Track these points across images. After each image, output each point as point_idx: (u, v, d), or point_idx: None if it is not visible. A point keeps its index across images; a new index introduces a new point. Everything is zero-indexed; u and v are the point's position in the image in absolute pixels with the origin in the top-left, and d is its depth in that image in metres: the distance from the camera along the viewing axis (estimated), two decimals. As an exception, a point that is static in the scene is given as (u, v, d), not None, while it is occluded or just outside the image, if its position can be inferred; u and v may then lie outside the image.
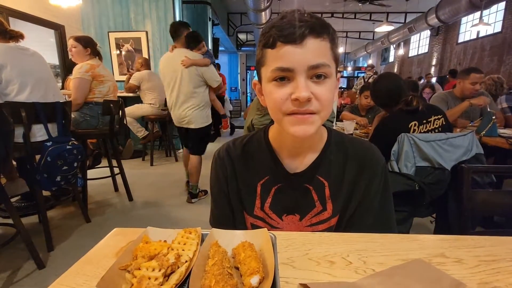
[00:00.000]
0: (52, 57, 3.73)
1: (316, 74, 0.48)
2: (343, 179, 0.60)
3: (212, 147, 2.71)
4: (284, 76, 0.49)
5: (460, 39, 9.22)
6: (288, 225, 0.62)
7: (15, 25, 3.02)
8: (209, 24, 6.20)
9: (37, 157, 1.65)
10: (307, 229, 0.61)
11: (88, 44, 2.29)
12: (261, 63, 0.53)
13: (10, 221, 1.52)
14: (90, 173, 2.40)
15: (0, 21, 1.68)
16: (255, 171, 0.63)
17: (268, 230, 0.62)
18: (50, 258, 1.62)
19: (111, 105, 2.23)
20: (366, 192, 0.60)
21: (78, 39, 2.27)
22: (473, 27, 6.48)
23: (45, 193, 2.08)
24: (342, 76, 12.17)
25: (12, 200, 1.67)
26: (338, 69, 0.54)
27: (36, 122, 1.66)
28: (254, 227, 0.63)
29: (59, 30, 3.72)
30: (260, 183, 0.63)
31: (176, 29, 2.30)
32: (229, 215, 0.66)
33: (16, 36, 1.71)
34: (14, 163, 2.05)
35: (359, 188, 0.60)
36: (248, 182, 0.64)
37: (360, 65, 16.78)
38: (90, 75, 2.23)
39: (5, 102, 1.57)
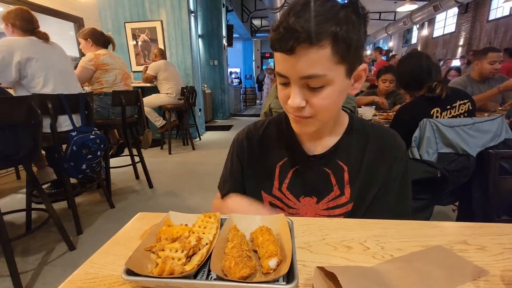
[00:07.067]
0: (71, 50, 3.85)
1: (309, 84, 0.48)
2: (363, 164, 0.60)
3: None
4: (284, 80, 0.51)
5: (491, 16, 8.55)
6: (304, 207, 0.63)
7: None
8: (223, 10, 6.12)
9: (64, 147, 1.73)
10: (323, 212, 0.62)
11: (88, 36, 2.35)
12: (273, 56, 0.54)
13: (42, 206, 1.63)
14: (113, 162, 2.50)
15: (32, 19, 1.74)
16: (274, 153, 0.65)
17: (285, 210, 0.63)
18: (80, 241, 1.73)
19: (121, 95, 2.25)
20: (386, 177, 0.60)
21: (81, 34, 2.36)
22: (506, 2, 6.00)
23: (72, 180, 2.20)
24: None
25: (43, 187, 1.77)
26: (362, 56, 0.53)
27: (61, 113, 1.74)
28: (272, 205, 0.65)
29: (78, 23, 3.81)
30: (278, 164, 0.64)
31: None
32: (238, 191, 0.68)
33: (42, 38, 1.75)
34: (43, 152, 2.18)
35: (379, 174, 0.60)
36: (267, 163, 0.65)
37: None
38: (93, 64, 2.30)
39: (33, 94, 1.65)
